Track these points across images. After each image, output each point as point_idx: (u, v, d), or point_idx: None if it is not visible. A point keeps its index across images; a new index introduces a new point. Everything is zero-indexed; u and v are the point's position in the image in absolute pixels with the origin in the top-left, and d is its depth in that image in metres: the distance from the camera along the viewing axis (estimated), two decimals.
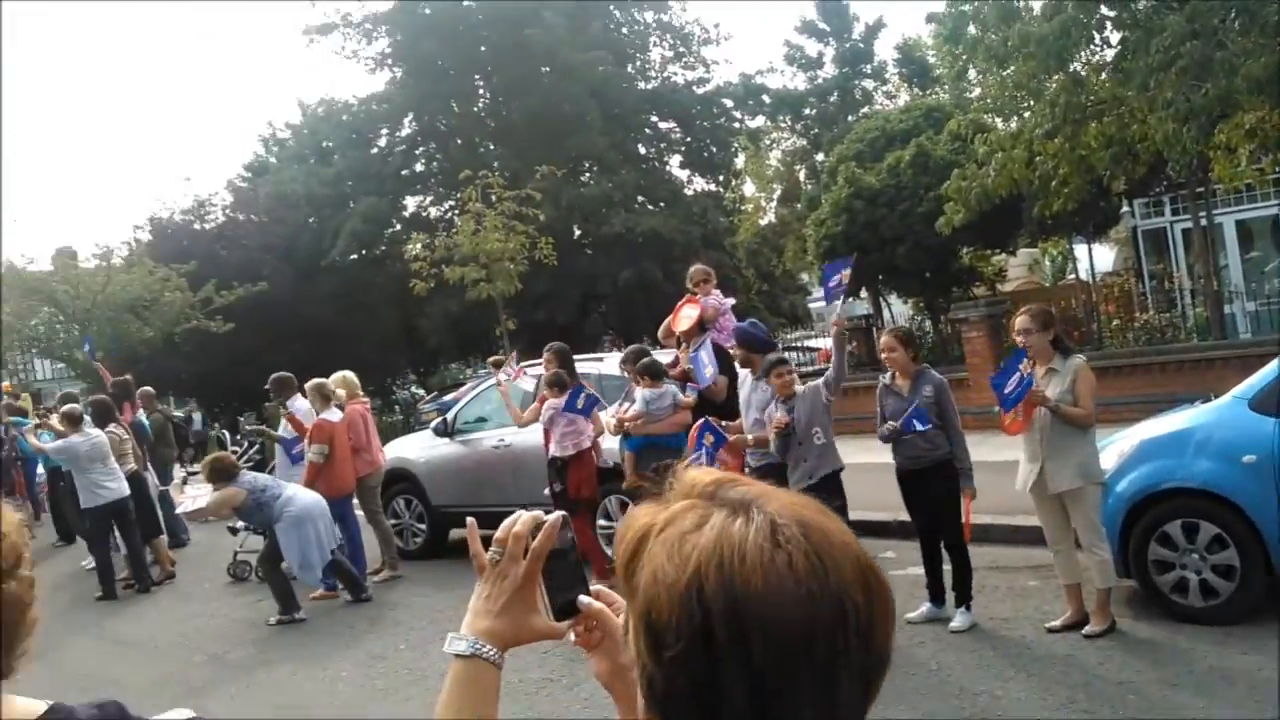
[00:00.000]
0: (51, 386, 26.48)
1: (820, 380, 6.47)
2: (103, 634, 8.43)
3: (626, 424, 7.59)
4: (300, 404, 9.66)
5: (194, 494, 9.74)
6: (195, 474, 12.62)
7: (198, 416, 17.02)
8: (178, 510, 10.88)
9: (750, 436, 6.70)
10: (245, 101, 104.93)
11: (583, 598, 1.18)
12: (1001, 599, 6.65)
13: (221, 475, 8.19)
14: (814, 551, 0.80)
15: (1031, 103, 13.56)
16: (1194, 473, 5.79)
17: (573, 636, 1.19)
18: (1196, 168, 13.50)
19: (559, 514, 1.19)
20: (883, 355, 6.45)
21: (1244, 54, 9.75)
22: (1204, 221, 15.03)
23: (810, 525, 0.82)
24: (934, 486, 6.21)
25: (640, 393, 7.56)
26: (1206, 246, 14.81)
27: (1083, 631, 5.71)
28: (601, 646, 1.18)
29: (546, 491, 8.06)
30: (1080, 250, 21.35)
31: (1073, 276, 22.12)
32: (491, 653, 1.16)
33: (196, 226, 29.53)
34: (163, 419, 12.97)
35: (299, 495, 8.31)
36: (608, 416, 8.07)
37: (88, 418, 10.00)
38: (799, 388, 6.49)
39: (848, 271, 6.65)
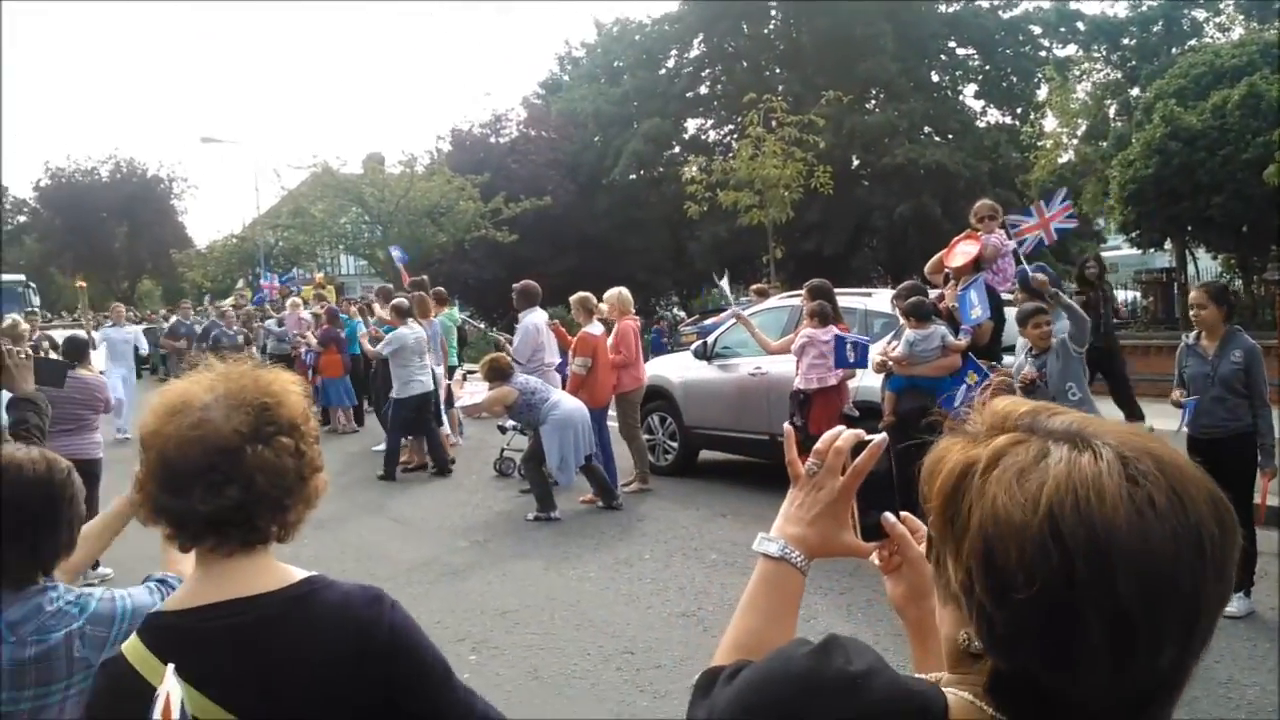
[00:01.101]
0: (353, 281, 29.03)
1: (1065, 334, 6.05)
2: (380, 511, 9.27)
3: (890, 364, 7.37)
4: (537, 316, 9.97)
5: (472, 390, 10.41)
6: (473, 372, 13.56)
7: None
8: (456, 405, 11.70)
9: (1022, 378, 6.27)
10: (549, 20, 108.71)
11: (888, 516, 1.19)
12: None
13: (497, 375, 8.74)
14: (1172, 487, 0.79)
15: None
16: None
17: (876, 558, 1.21)
18: None
19: (883, 436, 1.20)
20: (1192, 312, 5.85)
21: None
22: None
23: (1163, 459, 0.81)
24: (1228, 459, 5.65)
25: (907, 333, 7.31)
26: None
27: None
28: (900, 571, 1.21)
29: (786, 425, 7.95)
30: None
31: None
32: (798, 558, 1.18)
33: (492, 140, 31.15)
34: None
35: (564, 400, 8.74)
36: (873, 353, 7.87)
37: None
38: (1054, 340, 6.09)
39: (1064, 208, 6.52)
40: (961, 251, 7.45)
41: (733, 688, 0.97)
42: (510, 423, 10.89)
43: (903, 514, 1.20)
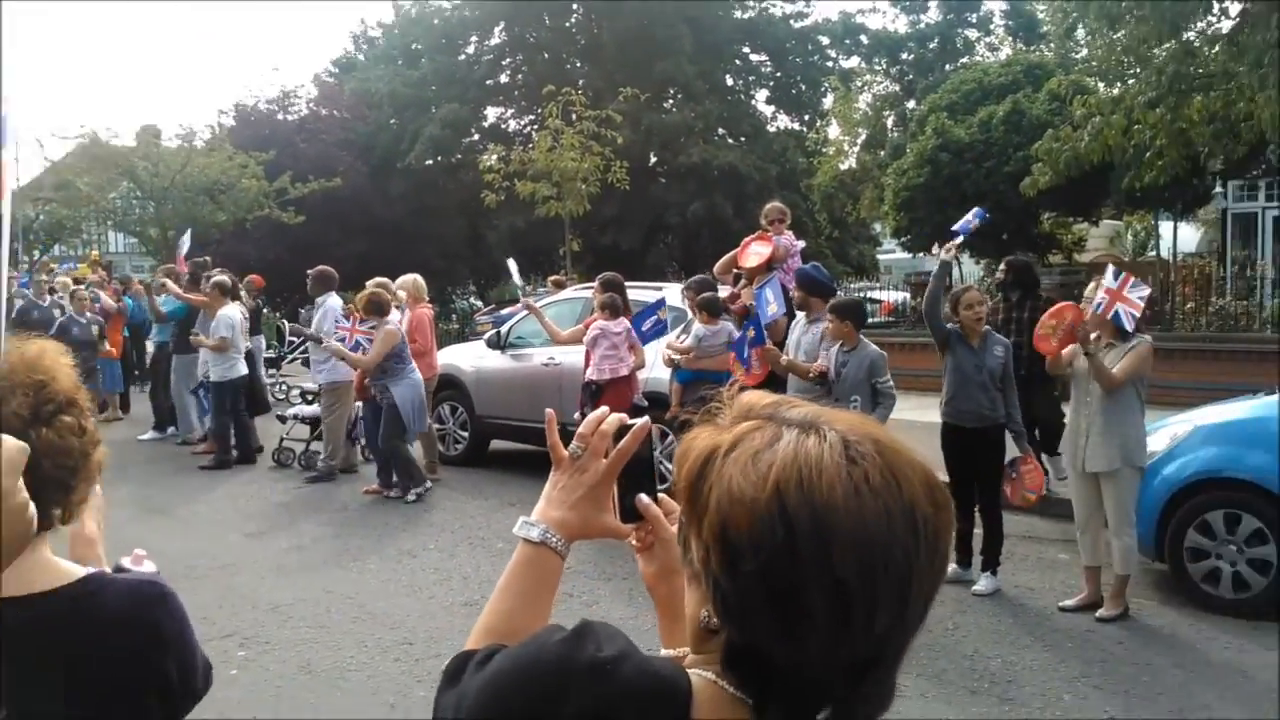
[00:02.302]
0: (121, 260, 27.06)
1: (879, 362, 6.13)
2: (145, 504, 8.66)
3: (678, 357, 7.51)
4: (334, 301, 9.69)
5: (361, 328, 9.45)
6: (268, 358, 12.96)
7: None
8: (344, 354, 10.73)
9: (812, 369, 6.29)
10: None
11: (643, 498, 1.19)
12: (1029, 569, 6.59)
13: (378, 310, 8.55)
14: (888, 467, 0.84)
15: (1138, 69, 13.05)
16: (1246, 464, 5.64)
17: (633, 540, 1.21)
18: None
19: (645, 420, 1.20)
20: (970, 310, 6.15)
21: None
22: None
23: (882, 442, 0.86)
24: (982, 448, 6.10)
25: (696, 327, 7.48)
26: None
27: (1095, 615, 5.63)
28: (652, 550, 1.21)
29: (577, 415, 8.04)
30: (1165, 228, 20.61)
31: (1154, 254, 21.43)
32: (558, 542, 1.17)
33: (279, 117, 29.78)
34: None
35: (417, 369, 8.82)
36: (661, 346, 8.03)
37: None
38: (871, 346, 6.22)
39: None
40: (755, 251, 7.67)
41: (483, 675, 0.96)
42: (291, 411, 10.49)
43: (660, 496, 1.22)
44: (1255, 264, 16.79)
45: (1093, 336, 5.56)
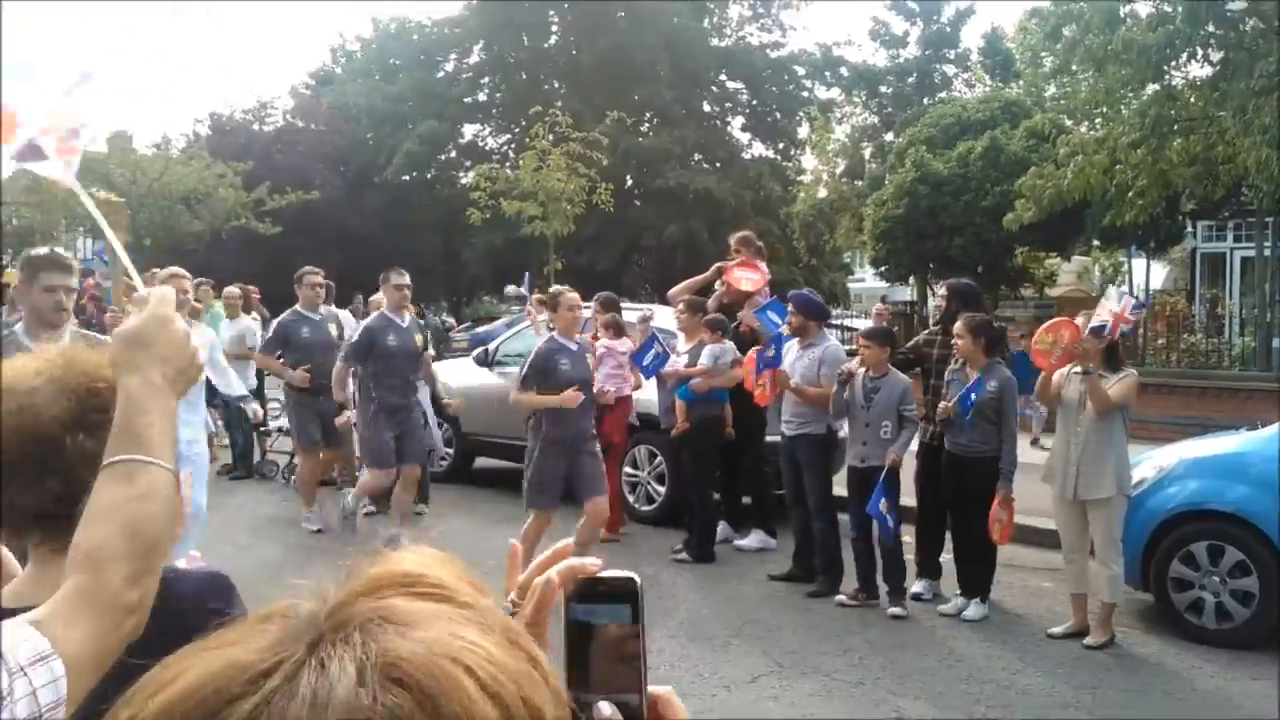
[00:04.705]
0: (91, 267, 26.57)
1: (908, 391, 6.42)
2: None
3: (694, 383, 7.51)
4: (343, 313, 9.74)
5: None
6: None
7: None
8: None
9: (818, 389, 6.57)
10: (318, 9, 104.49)
11: (603, 707, 0.68)
12: (1015, 596, 6.70)
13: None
14: None
15: (1105, 109, 13.40)
16: (1229, 497, 5.80)
17: None
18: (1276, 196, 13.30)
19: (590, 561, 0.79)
20: (954, 342, 6.36)
21: None
22: (1267, 250, 14.80)
23: None
24: (974, 479, 6.19)
25: (710, 347, 7.51)
26: (1266, 276, 14.61)
27: (1083, 642, 5.73)
28: None
29: None
30: (1136, 264, 20.99)
31: (1124, 288, 21.85)
32: None
33: (256, 128, 29.73)
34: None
35: None
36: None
37: None
38: (900, 374, 6.44)
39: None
40: (748, 277, 7.78)
41: None
42: (275, 424, 10.40)
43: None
44: (1224, 303, 17.22)
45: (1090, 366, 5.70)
